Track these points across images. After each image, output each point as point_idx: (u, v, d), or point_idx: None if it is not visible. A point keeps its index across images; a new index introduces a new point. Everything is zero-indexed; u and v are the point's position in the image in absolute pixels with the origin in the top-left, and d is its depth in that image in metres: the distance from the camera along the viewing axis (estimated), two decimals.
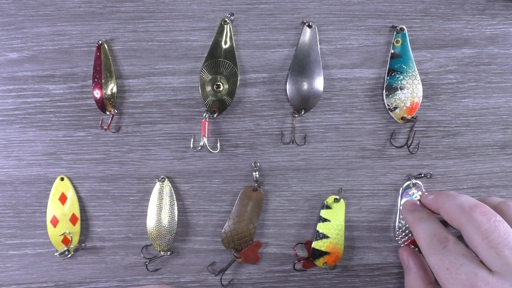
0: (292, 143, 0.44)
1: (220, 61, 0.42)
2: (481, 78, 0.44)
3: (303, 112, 0.43)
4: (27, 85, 0.43)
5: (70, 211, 0.43)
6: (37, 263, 0.44)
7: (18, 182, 0.44)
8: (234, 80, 0.42)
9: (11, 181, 0.44)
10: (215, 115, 0.43)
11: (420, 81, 0.43)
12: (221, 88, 0.42)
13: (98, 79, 0.43)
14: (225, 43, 0.42)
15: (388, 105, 0.43)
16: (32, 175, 0.44)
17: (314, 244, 0.43)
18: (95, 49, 0.43)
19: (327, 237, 0.43)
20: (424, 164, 0.44)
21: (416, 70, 0.43)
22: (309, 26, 0.43)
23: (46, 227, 0.44)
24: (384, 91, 0.43)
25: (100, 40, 0.42)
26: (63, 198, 0.43)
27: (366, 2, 0.43)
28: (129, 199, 0.44)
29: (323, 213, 0.43)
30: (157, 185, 0.43)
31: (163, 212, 0.43)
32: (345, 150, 0.44)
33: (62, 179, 0.44)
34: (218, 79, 0.42)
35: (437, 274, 0.33)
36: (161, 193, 0.43)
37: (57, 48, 0.43)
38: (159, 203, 0.43)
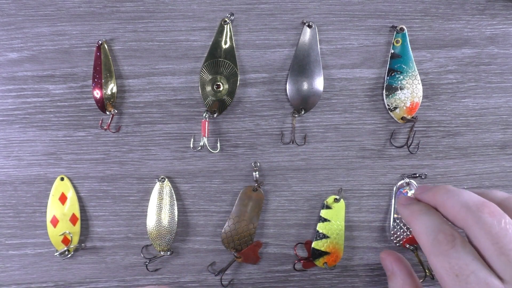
0: (292, 143, 0.44)
1: (220, 61, 0.42)
2: (481, 78, 0.44)
3: (303, 112, 0.43)
4: (27, 85, 0.43)
5: (70, 211, 0.43)
6: (37, 263, 0.44)
7: (18, 182, 0.44)
8: (234, 80, 0.42)
9: (11, 181, 0.44)
10: (215, 115, 0.43)
11: (420, 81, 0.43)
12: (221, 88, 0.42)
13: (98, 79, 0.43)
14: (225, 43, 0.42)
15: (388, 105, 0.43)
16: (32, 175, 0.44)
17: (314, 244, 0.43)
18: (95, 49, 0.43)
19: (327, 237, 0.43)
20: (424, 164, 0.44)
21: (416, 70, 0.43)
22: (309, 26, 0.43)
23: (46, 227, 0.44)
24: (384, 91, 0.43)
25: (100, 40, 0.42)
26: (63, 198, 0.43)
27: (366, 2, 0.43)
28: (129, 199, 0.44)
29: (323, 213, 0.43)
30: (157, 185, 0.43)
31: (163, 212, 0.43)
32: (345, 150, 0.44)
33: (62, 179, 0.44)
34: (218, 79, 0.42)
35: (442, 278, 0.29)
36: (161, 193, 0.43)
37: (57, 48, 0.43)
38: (159, 203, 0.43)
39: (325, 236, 0.43)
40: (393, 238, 0.44)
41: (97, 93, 0.42)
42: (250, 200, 0.43)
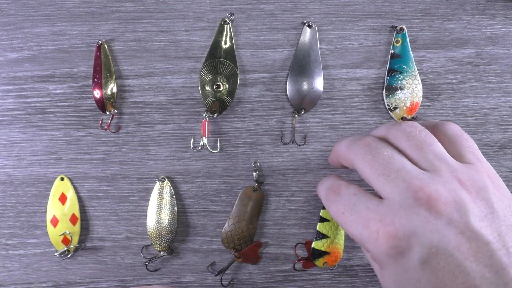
0: (292, 143, 0.44)
1: (220, 61, 0.42)
2: (481, 78, 0.44)
3: (303, 112, 0.43)
4: (27, 85, 0.43)
5: (70, 211, 0.43)
6: (37, 263, 0.44)
7: (18, 182, 0.44)
8: (234, 80, 0.42)
9: (11, 181, 0.44)
10: (215, 115, 0.43)
11: (420, 81, 0.43)
12: (221, 88, 0.42)
13: (98, 79, 0.43)
14: (225, 43, 0.42)
15: (388, 105, 0.43)
16: (32, 175, 0.44)
17: (314, 244, 0.43)
18: (95, 49, 0.43)
19: (327, 237, 0.43)
20: None
21: (416, 70, 0.43)
22: (309, 26, 0.43)
23: (46, 227, 0.44)
24: (384, 91, 0.43)
25: (100, 40, 0.42)
26: (63, 198, 0.43)
27: (366, 2, 0.43)
28: (129, 199, 0.44)
29: (323, 213, 0.43)
30: (157, 185, 0.43)
31: (163, 212, 0.43)
32: None
33: (62, 179, 0.44)
34: (218, 79, 0.42)
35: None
36: (161, 193, 0.43)
37: (57, 48, 0.43)
38: (159, 203, 0.43)
39: (325, 236, 0.43)
40: None
41: (97, 93, 0.43)
42: (250, 200, 0.43)
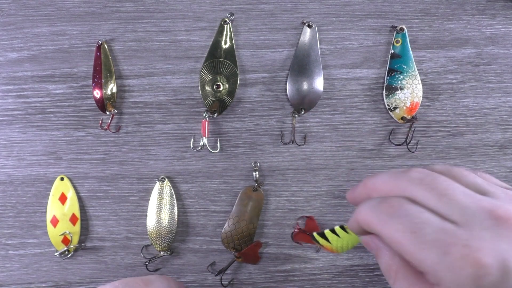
0: (292, 143, 0.44)
1: (220, 61, 0.42)
2: (481, 78, 0.44)
3: (303, 112, 0.43)
4: (27, 85, 0.43)
5: (70, 211, 0.43)
6: (37, 263, 0.44)
7: (18, 182, 0.44)
8: (234, 80, 0.42)
9: (11, 181, 0.44)
10: (215, 115, 0.43)
11: (420, 81, 0.43)
12: (221, 88, 0.42)
13: (98, 79, 0.43)
14: (225, 43, 0.42)
15: (388, 105, 0.43)
16: (32, 175, 0.44)
17: (326, 232, 0.37)
18: (95, 49, 0.43)
19: (339, 236, 0.37)
20: (424, 164, 0.44)
21: (416, 70, 0.43)
22: (309, 26, 0.43)
23: (46, 227, 0.44)
24: (384, 91, 0.43)
25: (100, 40, 0.42)
26: (63, 198, 0.43)
27: (366, 2, 0.43)
28: (129, 199, 0.44)
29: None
30: (157, 185, 0.43)
31: (163, 212, 0.43)
32: (345, 150, 0.44)
33: (62, 179, 0.44)
34: (218, 79, 0.42)
35: (400, 243, 0.24)
36: (161, 193, 0.43)
37: (57, 48, 0.43)
38: (159, 203, 0.43)
39: (338, 235, 0.37)
40: None
41: (97, 93, 0.42)
42: (250, 200, 0.43)
